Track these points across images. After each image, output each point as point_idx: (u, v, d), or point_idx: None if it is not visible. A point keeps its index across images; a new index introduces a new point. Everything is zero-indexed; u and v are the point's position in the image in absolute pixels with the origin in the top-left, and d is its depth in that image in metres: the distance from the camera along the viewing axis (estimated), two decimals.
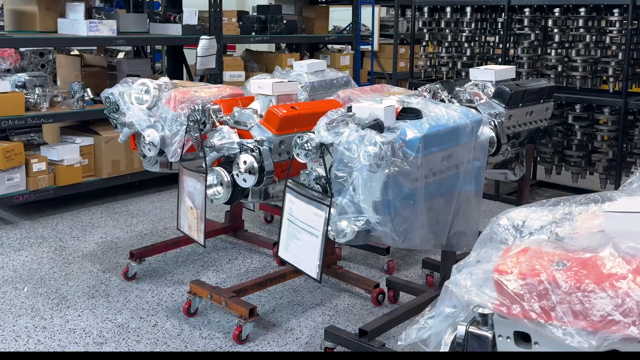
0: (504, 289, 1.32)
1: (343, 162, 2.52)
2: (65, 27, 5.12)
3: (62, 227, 4.73)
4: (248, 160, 2.94)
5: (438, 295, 3.27)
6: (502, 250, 1.43)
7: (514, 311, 1.27)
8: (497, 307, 1.32)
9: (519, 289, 1.29)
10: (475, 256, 1.47)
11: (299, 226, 2.76)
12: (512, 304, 1.28)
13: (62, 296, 3.63)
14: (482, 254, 1.44)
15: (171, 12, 5.72)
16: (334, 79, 4.20)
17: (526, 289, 1.28)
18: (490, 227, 1.71)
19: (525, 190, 4.16)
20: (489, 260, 1.40)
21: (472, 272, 1.37)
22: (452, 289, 1.39)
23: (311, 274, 2.73)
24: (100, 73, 5.90)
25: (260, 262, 4.17)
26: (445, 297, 1.46)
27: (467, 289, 1.36)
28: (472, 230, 2.92)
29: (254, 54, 6.97)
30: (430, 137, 2.59)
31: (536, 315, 1.24)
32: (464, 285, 1.38)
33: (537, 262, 1.30)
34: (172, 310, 3.49)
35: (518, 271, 1.31)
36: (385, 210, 2.50)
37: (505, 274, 1.33)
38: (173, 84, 3.73)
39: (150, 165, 3.72)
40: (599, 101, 5.10)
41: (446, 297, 1.45)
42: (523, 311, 1.26)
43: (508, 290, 1.30)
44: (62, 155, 4.95)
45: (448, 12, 5.80)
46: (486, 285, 1.36)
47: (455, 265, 1.48)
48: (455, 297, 1.41)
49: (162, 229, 4.74)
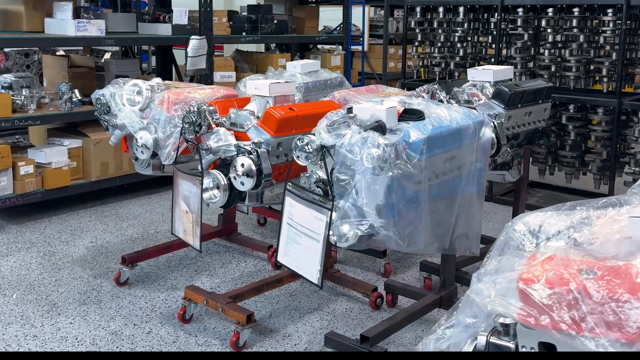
0: (530, 299, 1.27)
1: (345, 164, 2.46)
2: (52, 27, 5.01)
3: (50, 232, 4.63)
4: (246, 162, 2.87)
5: (438, 299, 3.24)
6: (525, 257, 1.37)
7: (543, 322, 1.22)
8: (523, 318, 1.27)
9: (546, 298, 1.23)
10: (496, 264, 1.41)
11: (299, 230, 2.70)
12: (540, 314, 1.23)
13: (53, 303, 3.54)
14: (503, 261, 1.39)
15: (160, 12, 5.63)
16: (328, 79, 4.14)
17: (554, 299, 1.23)
18: (506, 233, 1.66)
19: (522, 191, 4.12)
20: (512, 268, 1.35)
21: (496, 281, 1.32)
22: (475, 298, 1.34)
23: (312, 280, 2.67)
24: (87, 74, 5.79)
25: (254, 266, 4.10)
26: (465, 306, 1.40)
27: (491, 299, 1.30)
28: (475, 232, 2.87)
29: (244, 54, 6.89)
30: (433, 138, 2.54)
31: (567, 326, 1.19)
32: (487, 294, 1.32)
33: (565, 271, 1.25)
34: (166, 317, 3.41)
35: (545, 280, 1.26)
36: (389, 213, 2.45)
37: (531, 283, 1.27)
38: (166, 85, 3.65)
39: (143, 168, 3.64)
40: (592, 101, 5.08)
41: (467, 307, 1.39)
42: (552, 322, 1.21)
43: (535, 299, 1.25)
44: (50, 158, 4.85)
45: (441, 12, 5.76)
46: (510, 295, 1.30)
47: (475, 274, 1.42)
48: (477, 306, 1.35)
49: (153, 233, 4.65)
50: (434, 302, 3.21)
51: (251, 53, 7.12)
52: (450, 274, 3.29)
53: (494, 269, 1.40)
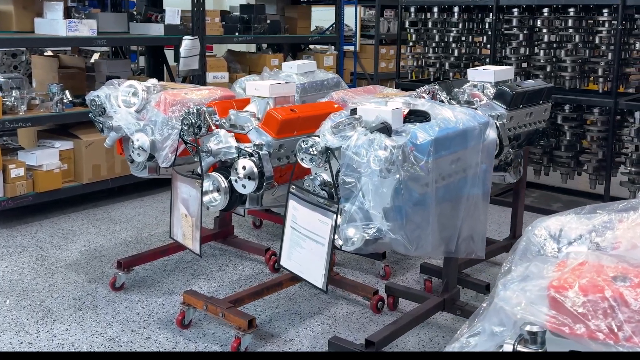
0: (562, 307, 1.23)
1: (351, 167, 2.41)
2: (43, 27, 4.91)
3: (42, 235, 4.54)
4: (247, 165, 2.81)
5: (441, 302, 3.20)
6: (554, 263, 1.33)
7: (578, 331, 1.18)
8: (555, 326, 1.23)
9: (580, 306, 1.20)
10: (522, 270, 1.37)
11: (303, 234, 2.65)
12: (575, 323, 1.19)
13: (47, 309, 3.46)
14: (531, 268, 1.35)
15: (152, 12, 5.55)
16: (324, 80, 4.08)
17: (589, 307, 1.19)
18: (526, 237, 1.62)
19: (521, 192, 4.11)
20: (541, 275, 1.31)
21: (525, 289, 1.28)
22: (503, 306, 1.29)
23: (316, 284, 2.62)
24: (78, 74, 5.70)
25: (252, 270, 4.04)
26: (491, 314, 1.36)
27: (521, 307, 1.26)
28: (480, 235, 2.84)
29: (237, 55, 6.82)
30: (440, 140, 2.50)
31: (603, 335, 1.15)
32: (516, 302, 1.28)
33: (599, 277, 1.21)
34: (164, 322, 3.34)
35: (578, 287, 1.22)
36: (397, 216, 2.40)
37: (564, 290, 1.23)
38: (161, 85, 3.58)
39: (139, 171, 3.57)
40: (589, 101, 5.08)
41: (493, 315, 1.35)
42: (588, 331, 1.17)
43: (568, 307, 1.21)
44: (41, 160, 4.76)
45: (435, 12, 5.74)
46: (540, 303, 1.26)
47: (501, 281, 1.38)
48: (506, 314, 1.31)
49: (147, 236, 4.58)
50: (437, 305, 3.18)
51: (244, 53, 7.06)
52: (453, 277, 3.26)
53: (521, 275, 1.36)
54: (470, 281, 3.56)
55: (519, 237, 4.13)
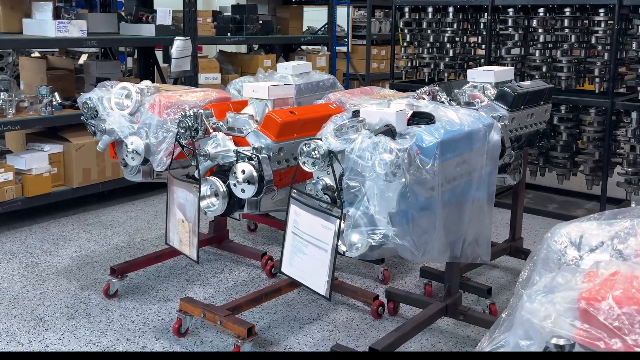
0: (595, 320, 1.16)
1: (356, 171, 2.34)
2: (31, 28, 4.81)
3: (32, 241, 4.43)
4: (247, 169, 2.74)
5: (444, 307, 3.14)
6: (583, 274, 1.27)
7: (614, 346, 1.12)
8: (588, 341, 1.16)
9: (615, 320, 1.13)
10: (548, 281, 1.30)
11: (305, 239, 2.57)
12: (611, 337, 1.12)
13: (39, 318, 3.36)
14: (557, 278, 1.28)
15: (143, 12, 5.45)
16: (320, 81, 4.01)
17: (624, 320, 1.13)
18: (546, 245, 1.56)
19: (520, 194, 4.06)
20: (570, 286, 1.24)
21: (554, 301, 1.21)
22: (531, 319, 1.23)
23: (319, 291, 2.55)
24: (67, 76, 5.59)
25: (248, 275, 3.96)
26: (517, 327, 1.29)
27: (551, 320, 1.19)
28: (485, 239, 2.78)
29: (228, 56, 6.74)
30: (446, 142, 2.44)
31: None
32: (544, 315, 1.21)
33: (633, 289, 1.15)
34: (160, 331, 3.26)
35: (612, 299, 1.16)
36: (403, 222, 2.34)
37: (596, 302, 1.17)
38: (155, 87, 3.50)
39: (132, 175, 3.48)
40: (585, 102, 5.04)
41: (518, 327, 1.29)
42: (625, 346, 1.11)
43: (602, 321, 1.15)
44: (30, 164, 4.65)
45: (430, 13, 5.68)
46: (570, 315, 1.20)
47: (525, 293, 1.31)
48: (533, 328, 1.25)
49: (139, 241, 4.49)
50: (440, 310, 3.11)
51: (235, 54, 6.97)
52: (455, 281, 3.20)
53: (547, 286, 1.30)
54: (471, 285, 3.50)
55: (518, 239, 4.11)
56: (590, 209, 5.41)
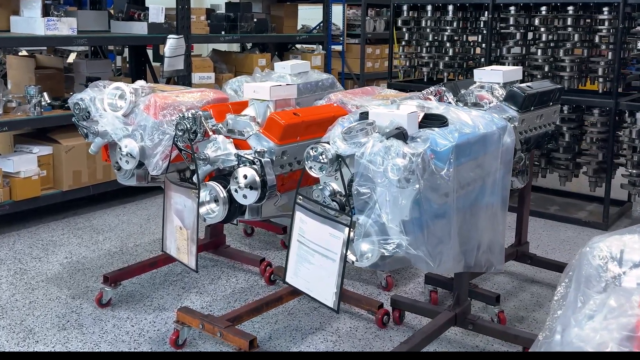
0: None
1: (366, 176, 2.21)
2: (19, 26, 4.63)
3: (20, 247, 4.27)
4: (249, 174, 2.60)
5: (453, 317, 3.01)
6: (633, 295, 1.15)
7: None
8: None
9: None
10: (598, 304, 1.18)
11: (311, 248, 2.44)
12: None
13: (29, 329, 3.20)
14: (609, 302, 1.16)
15: (135, 10, 5.30)
16: (319, 80, 3.88)
17: None
18: (586, 260, 1.43)
19: (526, 197, 3.95)
20: (622, 312, 1.12)
21: (609, 328, 1.09)
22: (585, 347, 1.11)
23: (326, 303, 2.41)
24: (56, 75, 5.42)
25: (246, 282, 3.82)
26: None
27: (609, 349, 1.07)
28: (499, 246, 2.67)
29: (222, 55, 6.58)
30: (461, 146, 2.31)
31: None
32: (599, 342, 1.09)
33: None
34: (156, 342, 3.11)
35: None
36: (417, 230, 2.21)
37: None
38: (150, 88, 3.35)
39: (126, 179, 3.34)
40: (588, 102, 4.94)
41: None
42: None
43: None
44: (18, 167, 4.49)
45: (429, 11, 5.56)
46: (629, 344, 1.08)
47: (573, 318, 1.19)
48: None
49: (132, 247, 4.33)
50: (449, 320, 2.99)
51: (229, 53, 6.82)
52: (464, 289, 3.08)
53: (597, 310, 1.17)
54: (479, 292, 3.38)
55: (524, 244, 3.99)
56: (592, 210, 5.32)
